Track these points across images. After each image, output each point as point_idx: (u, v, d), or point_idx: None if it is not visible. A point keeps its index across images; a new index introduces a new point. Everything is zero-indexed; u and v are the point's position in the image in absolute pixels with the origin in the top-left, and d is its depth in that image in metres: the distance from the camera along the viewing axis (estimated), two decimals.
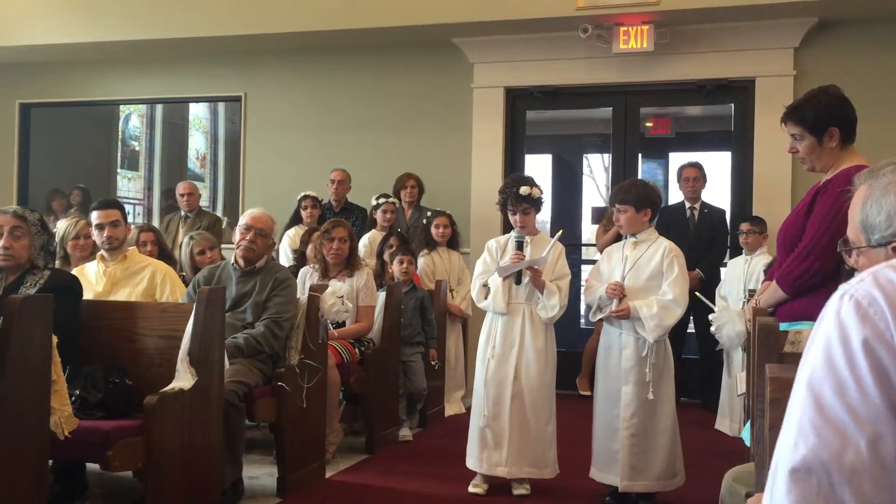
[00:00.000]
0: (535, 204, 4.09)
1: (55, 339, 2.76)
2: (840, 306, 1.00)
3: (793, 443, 0.96)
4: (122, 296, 4.09)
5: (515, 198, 4.03)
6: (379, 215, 6.45)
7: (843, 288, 1.02)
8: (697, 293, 4.62)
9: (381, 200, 6.47)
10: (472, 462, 4.07)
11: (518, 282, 4.01)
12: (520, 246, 4.02)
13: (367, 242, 6.25)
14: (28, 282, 3.39)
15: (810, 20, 6.24)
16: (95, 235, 4.28)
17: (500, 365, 4.01)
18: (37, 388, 2.66)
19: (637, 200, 3.86)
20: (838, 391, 0.95)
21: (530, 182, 4.08)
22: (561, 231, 4.25)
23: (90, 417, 3.11)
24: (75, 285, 3.56)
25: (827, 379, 0.96)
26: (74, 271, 4.07)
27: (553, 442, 4.05)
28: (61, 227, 4.62)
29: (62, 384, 2.80)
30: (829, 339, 0.99)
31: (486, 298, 4.08)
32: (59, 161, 8.53)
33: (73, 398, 3.08)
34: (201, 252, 5.07)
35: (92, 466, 3.59)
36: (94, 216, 4.24)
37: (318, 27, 6.79)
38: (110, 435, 3.01)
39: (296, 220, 6.65)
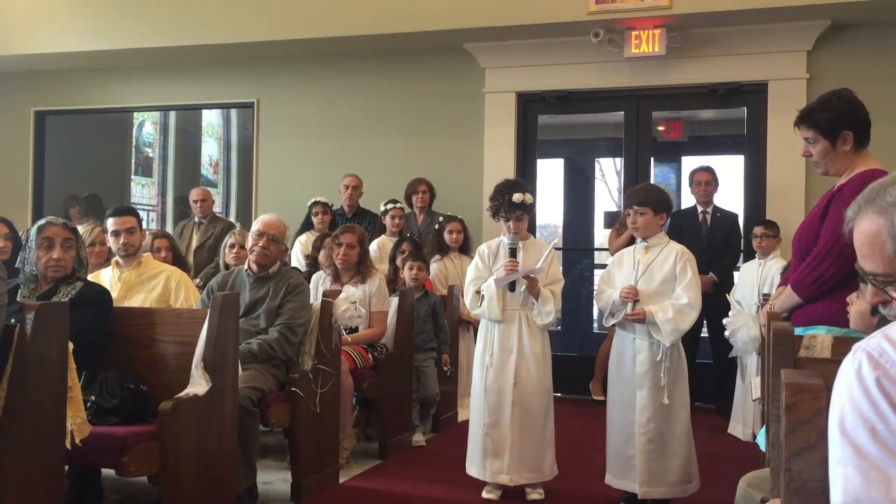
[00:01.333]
0: (528, 210, 4.05)
1: (71, 346, 2.77)
2: (854, 359, 1.19)
3: (841, 486, 1.14)
4: (136, 301, 4.12)
5: (509, 205, 3.99)
6: (388, 221, 6.46)
7: (856, 345, 1.21)
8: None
9: (390, 206, 6.48)
10: (473, 470, 4.06)
11: (512, 289, 3.98)
12: (513, 252, 3.98)
13: (377, 248, 6.25)
14: (61, 291, 3.42)
15: (823, 23, 6.21)
16: (111, 242, 4.31)
17: (499, 372, 3.98)
18: (53, 395, 2.67)
19: (656, 203, 3.86)
20: (871, 435, 1.13)
21: (522, 188, 4.02)
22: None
23: (105, 423, 3.12)
24: (106, 299, 3.59)
25: (858, 424, 1.15)
26: (89, 278, 4.09)
27: (551, 444, 4.04)
28: None
29: (77, 391, 2.81)
30: (849, 383, 1.18)
31: (480, 306, 4.05)
32: (73, 168, 8.59)
33: (89, 404, 3.09)
34: (233, 245, 5.09)
35: (107, 472, 3.60)
36: (110, 223, 4.27)
37: (329, 33, 6.82)
38: (125, 440, 3.02)
39: (307, 226, 6.67)
